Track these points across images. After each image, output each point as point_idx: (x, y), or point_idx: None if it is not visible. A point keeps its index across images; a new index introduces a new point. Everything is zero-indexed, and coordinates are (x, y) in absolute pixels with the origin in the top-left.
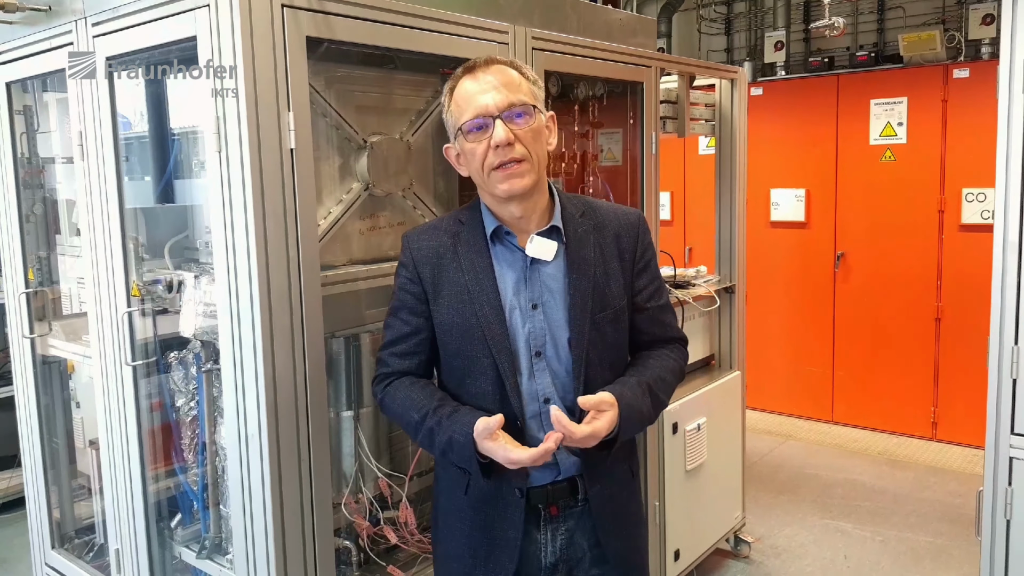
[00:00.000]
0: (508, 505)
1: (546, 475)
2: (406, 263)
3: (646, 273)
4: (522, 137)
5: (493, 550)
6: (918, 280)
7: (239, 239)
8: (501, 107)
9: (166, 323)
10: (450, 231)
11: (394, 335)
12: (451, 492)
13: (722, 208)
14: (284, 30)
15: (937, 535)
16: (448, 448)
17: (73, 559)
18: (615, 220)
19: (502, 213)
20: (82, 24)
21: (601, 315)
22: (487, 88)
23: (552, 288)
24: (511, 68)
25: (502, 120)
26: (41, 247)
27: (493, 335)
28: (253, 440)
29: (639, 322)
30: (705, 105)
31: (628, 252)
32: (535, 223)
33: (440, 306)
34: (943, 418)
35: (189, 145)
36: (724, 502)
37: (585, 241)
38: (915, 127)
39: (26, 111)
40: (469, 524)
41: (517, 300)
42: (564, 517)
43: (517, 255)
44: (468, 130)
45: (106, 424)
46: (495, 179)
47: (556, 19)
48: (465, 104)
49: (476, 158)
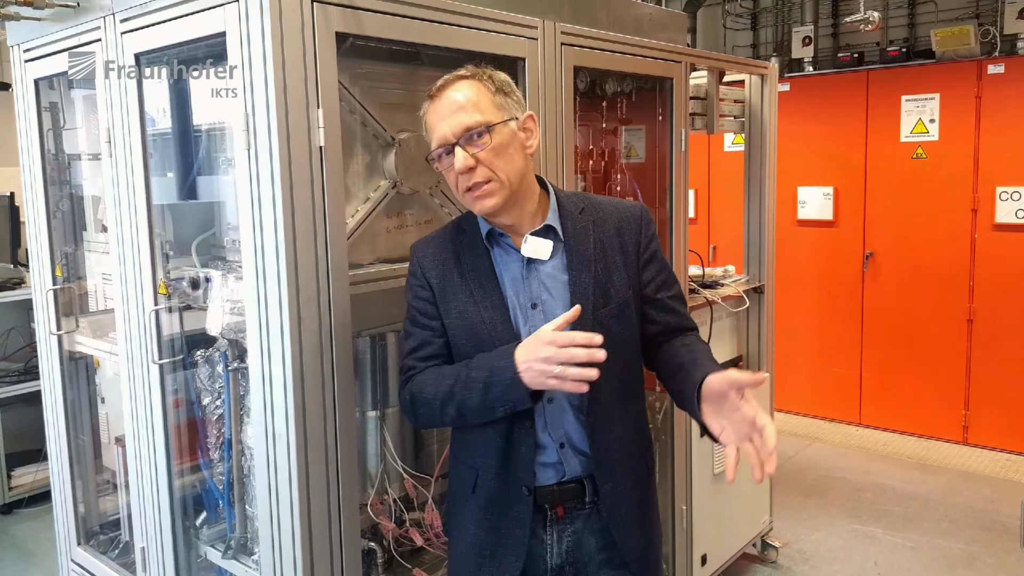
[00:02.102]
0: (516, 503)
1: (551, 475)
2: (415, 271)
3: (653, 264)
4: (483, 159)
5: (500, 548)
6: (950, 280)
7: (268, 237)
8: (457, 134)
9: (192, 319)
10: (452, 238)
11: (416, 342)
12: (461, 491)
13: (751, 206)
14: (314, 25)
15: (970, 542)
16: (489, 383)
17: (98, 555)
18: (616, 214)
19: (493, 220)
20: (110, 20)
21: (604, 310)
22: (445, 115)
23: (551, 287)
24: (472, 83)
25: (460, 146)
26: (68, 243)
27: (500, 337)
28: (280, 440)
29: (651, 313)
30: (734, 101)
31: (631, 245)
32: (527, 224)
33: (449, 312)
34: (975, 422)
35: (216, 142)
36: (751, 506)
37: (584, 237)
38: (947, 124)
39: (52, 108)
40: (476, 523)
41: (517, 300)
42: (571, 519)
43: (514, 256)
44: (436, 157)
45: (132, 423)
46: (469, 200)
47: (586, 14)
48: (430, 132)
49: (450, 182)
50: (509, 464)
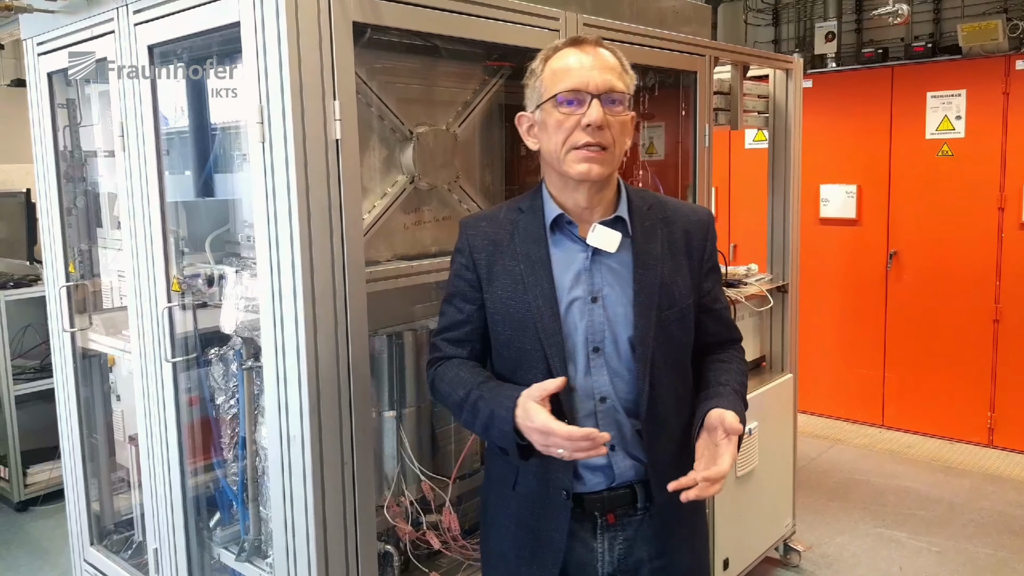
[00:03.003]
0: (554, 506)
1: (599, 480)
2: (462, 249)
3: (713, 273)
4: (612, 125)
5: (538, 550)
6: (975, 280)
7: (282, 233)
8: (601, 88)
9: (206, 317)
10: (508, 218)
11: (448, 321)
12: (499, 487)
13: (775, 204)
14: (331, 14)
15: (998, 547)
16: (490, 423)
17: (111, 556)
18: (684, 217)
19: (566, 200)
20: (123, 12)
21: (668, 312)
22: (593, 65)
23: (613, 282)
24: (615, 56)
25: (599, 101)
26: (82, 240)
27: (545, 328)
28: (295, 441)
29: (706, 323)
30: (758, 96)
31: (697, 251)
32: (599, 214)
33: (493, 294)
34: (1000, 424)
35: (231, 138)
36: (774, 509)
37: (652, 235)
38: (974, 121)
39: (69, 104)
40: (515, 521)
41: (575, 292)
42: (622, 525)
43: (578, 245)
44: (561, 101)
45: (145, 421)
46: (573, 158)
47: (608, 6)
48: (564, 74)
49: (560, 132)
50: (549, 464)
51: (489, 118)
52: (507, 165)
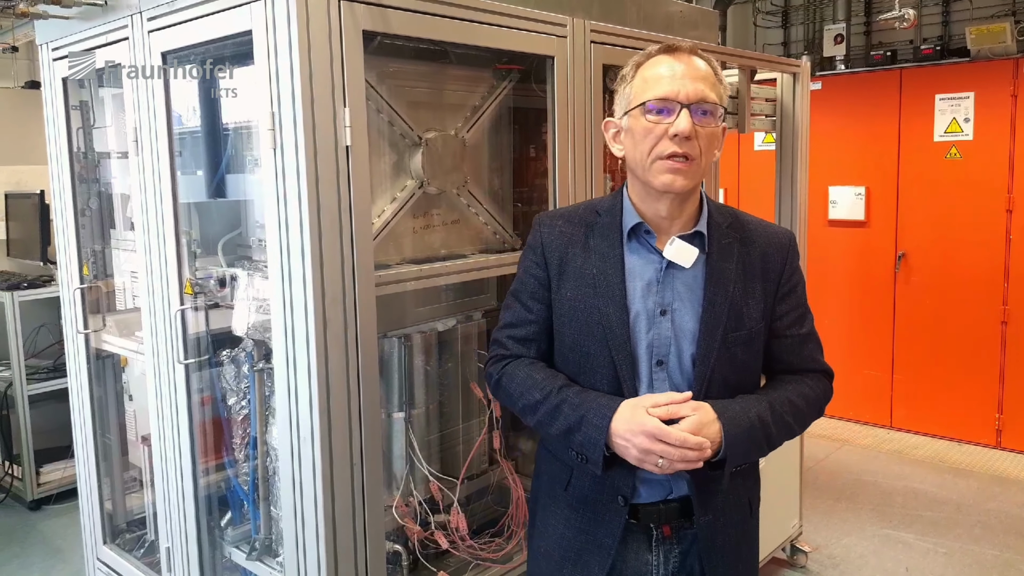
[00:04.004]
0: (608, 511)
1: (656, 492)
2: (534, 246)
3: (790, 298)
4: (700, 136)
5: (584, 552)
6: (984, 282)
7: (293, 238)
8: (692, 98)
9: (218, 318)
10: (585, 220)
11: (514, 318)
12: (551, 487)
13: (782, 206)
14: (341, 23)
15: (1004, 548)
16: (576, 427)
17: (124, 554)
18: (764, 237)
19: (647, 210)
20: (138, 19)
21: (734, 335)
22: (685, 74)
23: (685, 297)
24: (709, 65)
25: (689, 111)
26: (96, 241)
27: (614, 335)
28: (305, 442)
29: (776, 350)
30: (765, 100)
31: (774, 274)
32: (679, 226)
33: (562, 295)
34: (1008, 426)
35: (243, 141)
36: (780, 510)
37: (728, 254)
38: (983, 123)
39: (83, 106)
40: (564, 522)
41: (645, 304)
42: (678, 539)
43: (653, 256)
44: (650, 108)
45: (158, 422)
46: (657, 168)
47: (615, 11)
48: (655, 82)
49: (647, 140)
50: (609, 470)
51: (498, 122)
52: (516, 168)
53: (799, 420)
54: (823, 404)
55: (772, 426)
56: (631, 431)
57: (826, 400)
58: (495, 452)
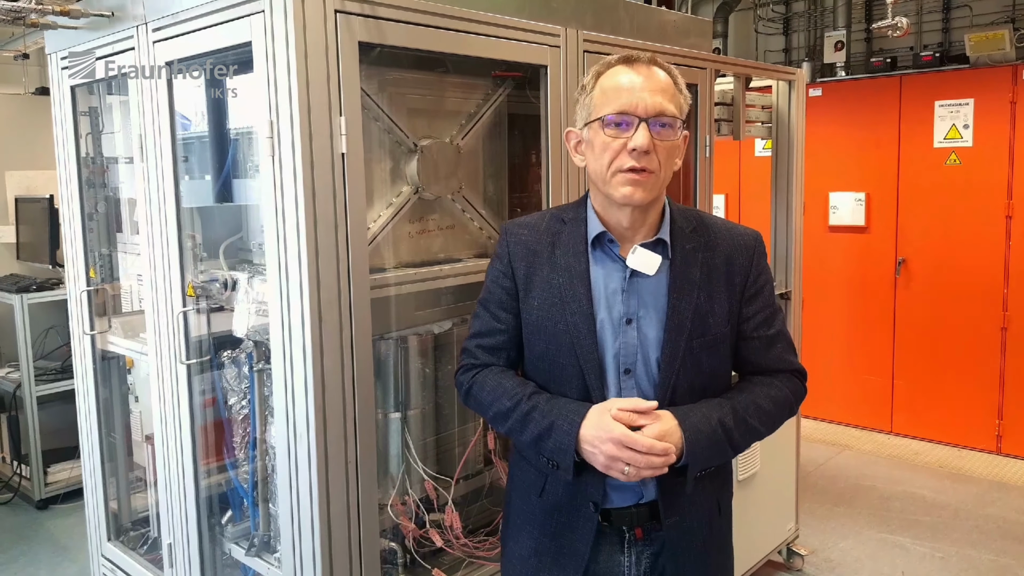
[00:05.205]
0: (580, 516)
1: (627, 497)
2: (501, 255)
3: (757, 299)
4: (659, 149)
5: (560, 557)
6: (984, 288)
7: (290, 243)
8: (649, 112)
9: (220, 320)
10: (550, 229)
11: (482, 327)
12: (525, 493)
13: (778, 212)
14: (337, 36)
15: (1000, 553)
16: (545, 434)
17: (128, 551)
18: (728, 240)
19: (609, 219)
20: (143, 30)
21: (699, 341)
22: (642, 87)
23: (650, 304)
24: (669, 75)
25: (647, 125)
26: (103, 244)
27: (581, 345)
28: (301, 440)
29: (745, 351)
30: (762, 107)
31: (739, 276)
32: (642, 234)
33: (530, 305)
34: (1008, 431)
35: (245, 146)
36: (777, 513)
37: (692, 260)
38: (982, 130)
39: (92, 112)
40: (539, 528)
41: (610, 313)
42: (650, 540)
43: (617, 265)
44: (609, 122)
45: (161, 422)
46: (617, 181)
47: (609, 21)
48: (613, 95)
49: (606, 154)
50: (580, 476)
51: (494, 128)
52: (512, 174)
53: (765, 422)
54: (794, 404)
55: (735, 431)
56: (599, 438)
57: (797, 400)
58: (490, 453)
